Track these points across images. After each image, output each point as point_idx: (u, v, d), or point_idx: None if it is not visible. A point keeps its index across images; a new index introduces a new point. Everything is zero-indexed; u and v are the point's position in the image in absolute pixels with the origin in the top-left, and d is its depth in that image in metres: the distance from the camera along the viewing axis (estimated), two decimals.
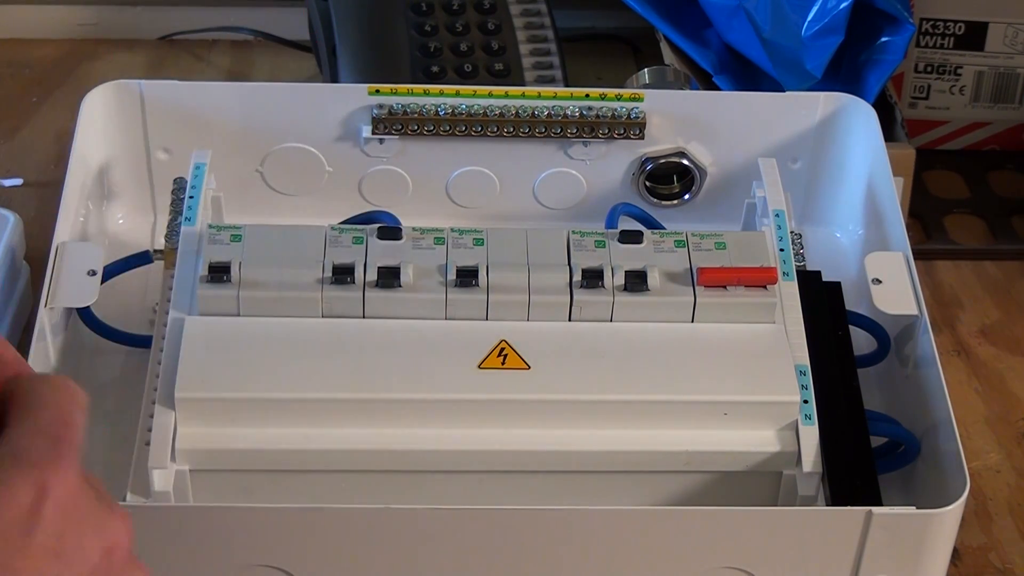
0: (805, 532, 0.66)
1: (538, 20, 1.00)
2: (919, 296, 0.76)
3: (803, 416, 0.70)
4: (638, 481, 0.71)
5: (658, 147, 0.87)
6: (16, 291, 0.87)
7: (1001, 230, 1.00)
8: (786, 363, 0.71)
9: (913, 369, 0.77)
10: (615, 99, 0.85)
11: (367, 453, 0.69)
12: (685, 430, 0.70)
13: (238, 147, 0.85)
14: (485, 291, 0.72)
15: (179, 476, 0.68)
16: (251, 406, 0.69)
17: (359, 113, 0.85)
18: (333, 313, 0.72)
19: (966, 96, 1.06)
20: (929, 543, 0.67)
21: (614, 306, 0.73)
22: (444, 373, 0.70)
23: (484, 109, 0.85)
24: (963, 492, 0.66)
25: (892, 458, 0.75)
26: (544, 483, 0.71)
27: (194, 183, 0.78)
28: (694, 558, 0.67)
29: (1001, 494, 0.82)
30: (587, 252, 0.74)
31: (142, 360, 0.73)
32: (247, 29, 1.14)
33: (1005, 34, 1.03)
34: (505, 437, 0.70)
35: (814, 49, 0.93)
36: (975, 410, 0.87)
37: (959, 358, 0.90)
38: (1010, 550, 0.79)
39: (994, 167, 1.07)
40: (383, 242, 0.74)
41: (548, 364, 0.71)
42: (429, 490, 0.70)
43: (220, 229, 0.74)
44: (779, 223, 0.78)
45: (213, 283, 0.72)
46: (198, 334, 0.71)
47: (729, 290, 0.73)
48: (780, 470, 0.70)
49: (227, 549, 0.66)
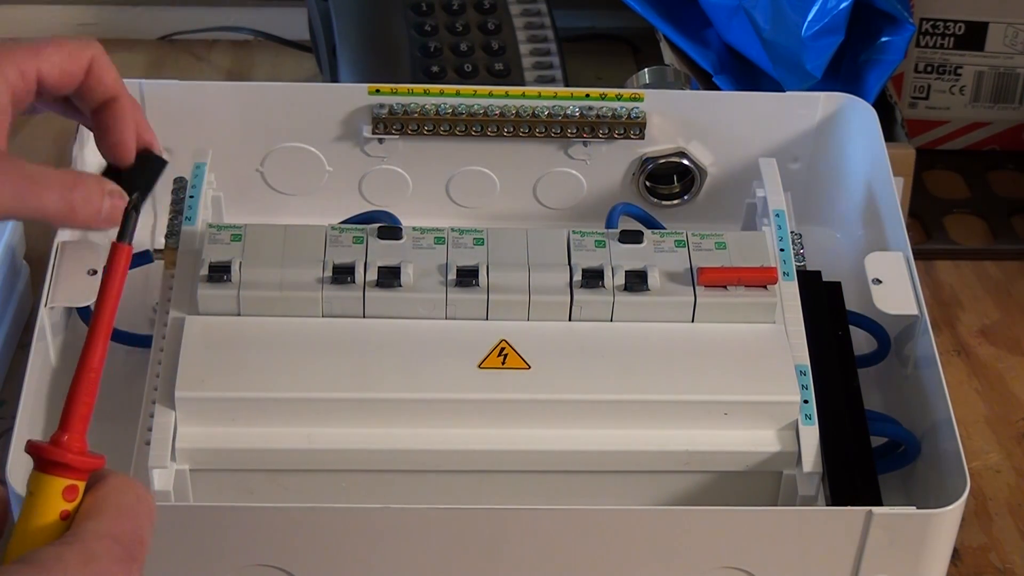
0: (805, 532, 0.66)
1: (538, 20, 1.00)
2: (919, 296, 0.76)
3: (803, 416, 0.70)
4: (638, 481, 0.71)
5: (658, 147, 0.87)
6: (16, 291, 0.87)
7: (1001, 230, 1.00)
8: (786, 363, 0.71)
9: (913, 369, 0.77)
10: (615, 99, 0.85)
11: (367, 453, 0.69)
12: (685, 430, 0.70)
13: (238, 147, 0.85)
14: (485, 291, 0.72)
15: (179, 476, 0.68)
16: (251, 406, 0.69)
17: (359, 113, 0.85)
18: (333, 313, 0.72)
19: (966, 96, 1.06)
20: (929, 543, 0.67)
21: (614, 306, 0.73)
22: (444, 373, 0.70)
23: (484, 109, 0.85)
24: (963, 492, 0.66)
25: (892, 458, 0.75)
26: (544, 483, 0.71)
27: (194, 183, 0.78)
28: (694, 558, 0.67)
29: (1001, 494, 0.82)
30: (587, 252, 0.74)
31: (142, 360, 0.73)
32: (247, 29, 1.14)
33: (1005, 34, 1.03)
34: (505, 437, 0.70)
35: (814, 49, 0.93)
36: (975, 410, 0.87)
37: (959, 358, 0.90)
38: (1010, 550, 0.79)
39: (994, 167, 1.07)
40: (383, 242, 0.74)
41: (548, 364, 0.71)
42: (429, 490, 0.70)
43: (220, 229, 0.74)
44: (779, 223, 0.78)
45: (213, 283, 0.72)
46: (198, 334, 0.71)
47: (729, 290, 0.73)
48: (780, 470, 0.70)
49: (227, 549, 0.66)
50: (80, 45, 0.63)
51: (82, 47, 0.63)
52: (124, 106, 0.64)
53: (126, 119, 0.64)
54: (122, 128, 0.63)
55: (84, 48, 0.63)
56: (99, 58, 0.63)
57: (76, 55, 0.63)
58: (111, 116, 0.63)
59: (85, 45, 0.63)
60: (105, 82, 0.64)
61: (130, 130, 0.64)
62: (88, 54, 0.63)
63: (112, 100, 0.64)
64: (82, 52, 0.63)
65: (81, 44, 0.63)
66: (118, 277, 0.55)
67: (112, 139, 0.63)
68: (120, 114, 0.63)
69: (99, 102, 0.64)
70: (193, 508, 0.67)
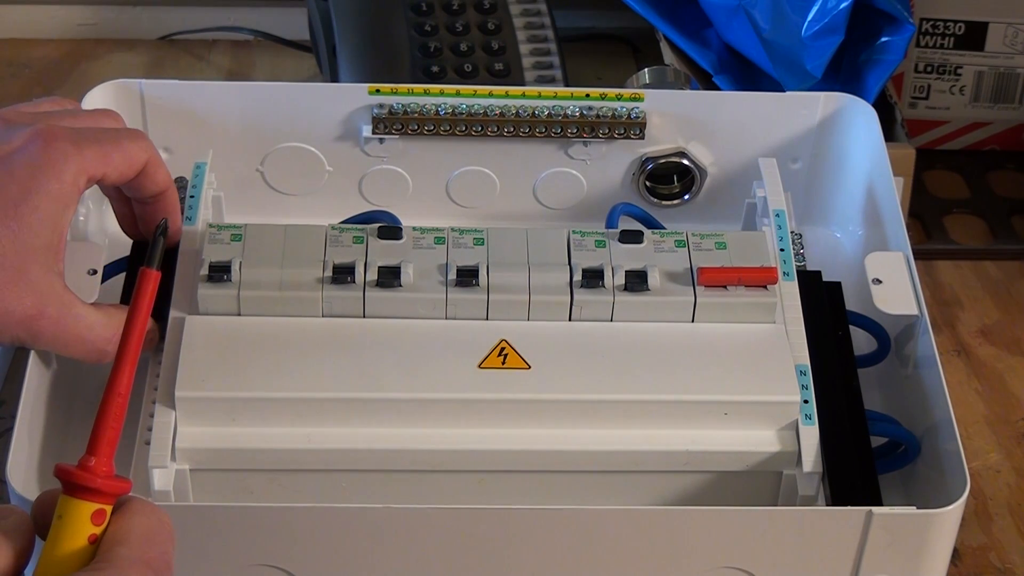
0: (805, 532, 0.66)
1: (538, 20, 1.00)
2: (919, 296, 0.76)
3: (803, 416, 0.70)
4: (638, 481, 0.71)
5: (658, 147, 0.87)
6: None
7: (1001, 230, 1.01)
8: (786, 363, 0.71)
9: (913, 369, 0.77)
10: (615, 99, 0.85)
11: (367, 453, 0.69)
12: (685, 430, 0.70)
13: (238, 147, 0.85)
14: (485, 291, 0.72)
15: (179, 475, 0.68)
16: (251, 406, 0.69)
17: (359, 113, 0.85)
18: (333, 313, 0.72)
19: (966, 96, 1.06)
20: (929, 543, 0.67)
21: (614, 306, 0.73)
22: (444, 373, 0.70)
23: (484, 109, 0.85)
24: (963, 492, 0.66)
25: (892, 458, 0.75)
26: (544, 483, 0.71)
27: (194, 183, 0.78)
28: (694, 558, 0.67)
29: (1001, 494, 0.82)
30: (587, 252, 0.74)
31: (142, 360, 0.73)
32: (247, 29, 1.14)
33: (1005, 34, 1.03)
34: (505, 437, 0.70)
35: (814, 49, 0.93)
36: (975, 410, 0.87)
37: (959, 358, 0.90)
38: (1010, 550, 0.79)
39: (994, 167, 1.07)
40: (383, 242, 0.74)
41: (548, 364, 0.71)
42: (429, 490, 0.70)
43: (220, 229, 0.74)
44: (779, 223, 0.78)
45: (213, 283, 0.72)
46: (198, 334, 0.71)
47: (729, 290, 0.73)
48: (780, 470, 0.70)
49: (227, 549, 0.66)
50: (139, 148, 0.71)
51: (140, 151, 0.71)
52: (174, 197, 0.74)
53: (177, 210, 0.74)
54: (175, 218, 0.74)
55: (141, 152, 0.71)
56: (153, 159, 0.72)
57: (133, 160, 0.70)
58: (161, 207, 0.73)
59: (142, 148, 0.71)
60: (157, 180, 0.72)
61: (179, 216, 0.75)
62: (144, 158, 0.71)
63: (161, 194, 0.73)
64: (139, 156, 0.71)
65: (139, 147, 0.71)
66: (146, 302, 0.55)
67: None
68: (171, 207, 0.74)
69: (148, 195, 0.73)
70: (193, 508, 0.67)
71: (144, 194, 0.73)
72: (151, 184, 0.72)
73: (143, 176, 0.71)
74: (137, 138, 0.71)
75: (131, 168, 0.70)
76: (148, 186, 0.72)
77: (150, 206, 0.73)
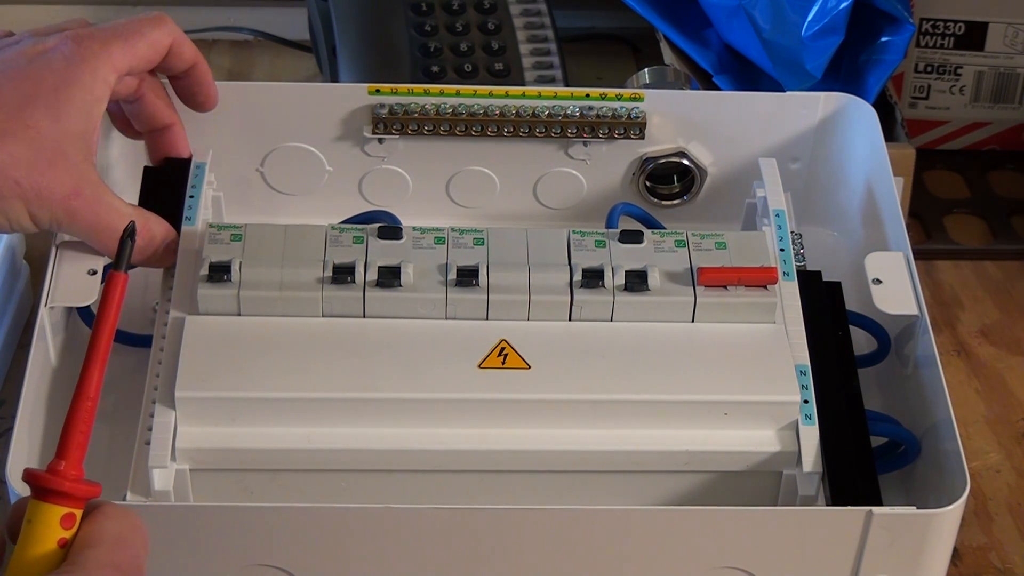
0: (805, 532, 0.66)
1: (538, 20, 1.00)
2: (919, 296, 0.76)
3: (803, 416, 0.70)
4: (638, 481, 0.71)
5: (658, 147, 0.87)
6: (16, 291, 0.87)
7: (1001, 230, 1.01)
8: (786, 363, 0.71)
9: (913, 369, 0.77)
10: (615, 99, 0.85)
11: (367, 452, 0.69)
12: (685, 430, 0.70)
13: (238, 147, 0.85)
14: (485, 291, 0.72)
15: (179, 475, 0.68)
16: (251, 405, 0.69)
17: (359, 113, 0.85)
18: (333, 313, 0.72)
19: (966, 96, 1.06)
20: (929, 543, 0.67)
21: (614, 306, 0.73)
22: (444, 373, 0.70)
23: (484, 109, 0.85)
24: (963, 492, 0.66)
25: (892, 458, 0.75)
26: (544, 483, 0.71)
27: (194, 183, 0.78)
28: (694, 558, 0.67)
29: (1001, 494, 0.82)
30: (587, 252, 0.74)
31: (142, 360, 0.73)
32: (247, 29, 1.14)
33: (1005, 34, 1.03)
34: (505, 437, 0.70)
35: (814, 49, 0.93)
36: (975, 410, 0.87)
37: (959, 358, 0.90)
38: (1010, 550, 0.79)
39: (994, 167, 1.07)
40: (383, 242, 0.74)
41: (548, 364, 0.71)
42: (429, 490, 0.70)
43: (220, 229, 0.74)
44: (779, 223, 0.78)
45: (213, 283, 0.72)
46: (198, 334, 0.71)
47: (729, 290, 0.73)
48: (780, 470, 0.70)
49: (227, 549, 0.66)
50: (162, 33, 0.76)
51: (163, 35, 0.76)
52: (204, 69, 0.79)
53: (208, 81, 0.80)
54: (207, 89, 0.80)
55: (165, 36, 0.76)
56: (177, 39, 0.77)
57: (158, 45, 0.75)
58: (195, 80, 0.79)
59: (166, 33, 0.76)
60: (184, 58, 0.78)
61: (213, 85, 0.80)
62: (167, 42, 0.76)
63: (191, 68, 0.79)
64: (163, 41, 0.76)
65: (163, 32, 0.76)
66: (114, 306, 0.55)
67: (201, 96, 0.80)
68: (203, 78, 0.79)
69: (179, 72, 0.78)
70: (193, 508, 0.67)
71: (174, 72, 0.79)
72: (179, 62, 0.78)
73: (171, 56, 0.77)
74: (159, 24, 0.76)
75: (157, 54, 0.76)
76: (177, 64, 0.78)
77: (183, 80, 0.79)
